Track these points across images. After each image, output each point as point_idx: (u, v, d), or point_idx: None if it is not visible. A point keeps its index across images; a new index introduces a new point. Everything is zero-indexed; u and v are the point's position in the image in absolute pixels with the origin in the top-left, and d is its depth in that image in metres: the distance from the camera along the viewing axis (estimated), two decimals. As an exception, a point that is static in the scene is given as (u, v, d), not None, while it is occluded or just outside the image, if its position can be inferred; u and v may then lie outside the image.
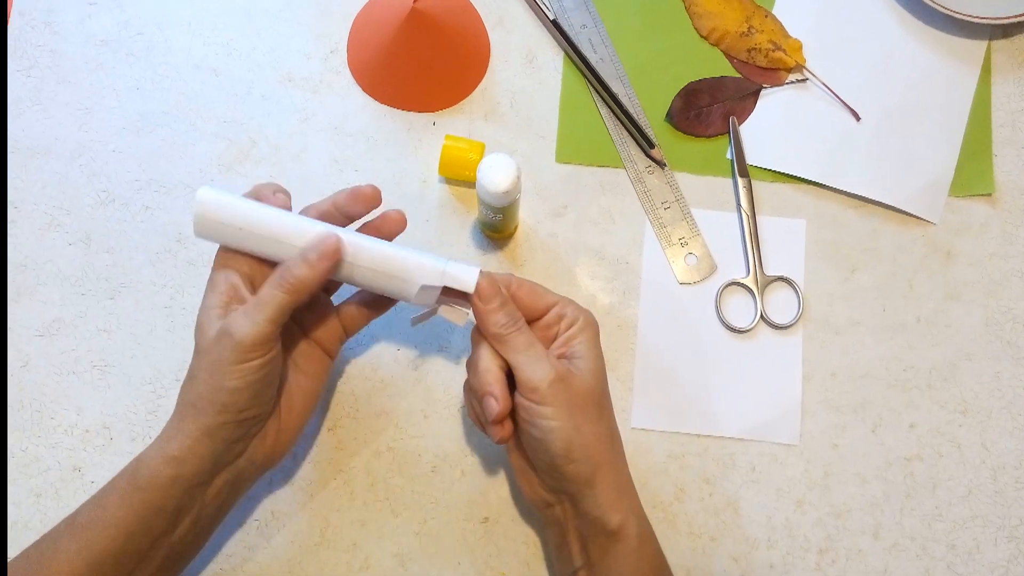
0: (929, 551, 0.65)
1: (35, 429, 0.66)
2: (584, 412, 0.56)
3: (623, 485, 0.57)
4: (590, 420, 0.56)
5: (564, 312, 0.59)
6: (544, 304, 0.59)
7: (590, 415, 0.56)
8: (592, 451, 0.55)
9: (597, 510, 0.55)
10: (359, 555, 0.65)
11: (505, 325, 0.57)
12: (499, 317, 0.57)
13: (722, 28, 0.75)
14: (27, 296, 0.69)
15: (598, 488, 0.55)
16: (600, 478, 0.55)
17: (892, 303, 0.70)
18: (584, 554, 0.57)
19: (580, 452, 0.55)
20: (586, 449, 0.55)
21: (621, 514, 0.55)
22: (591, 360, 0.57)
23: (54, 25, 0.75)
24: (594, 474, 0.55)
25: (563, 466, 0.55)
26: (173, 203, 0.71)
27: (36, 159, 0.72)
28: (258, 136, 0.73)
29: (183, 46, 0.75)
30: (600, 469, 0.55)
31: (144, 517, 0.54)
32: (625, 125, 0.73)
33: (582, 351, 0.57)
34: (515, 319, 0.57)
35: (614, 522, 0.55)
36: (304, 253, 0.56)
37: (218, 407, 0.55)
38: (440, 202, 0.71)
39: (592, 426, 0.56)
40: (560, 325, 0.59)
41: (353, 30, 0.75)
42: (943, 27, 0.75)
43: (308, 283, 0.55)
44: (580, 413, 0.55)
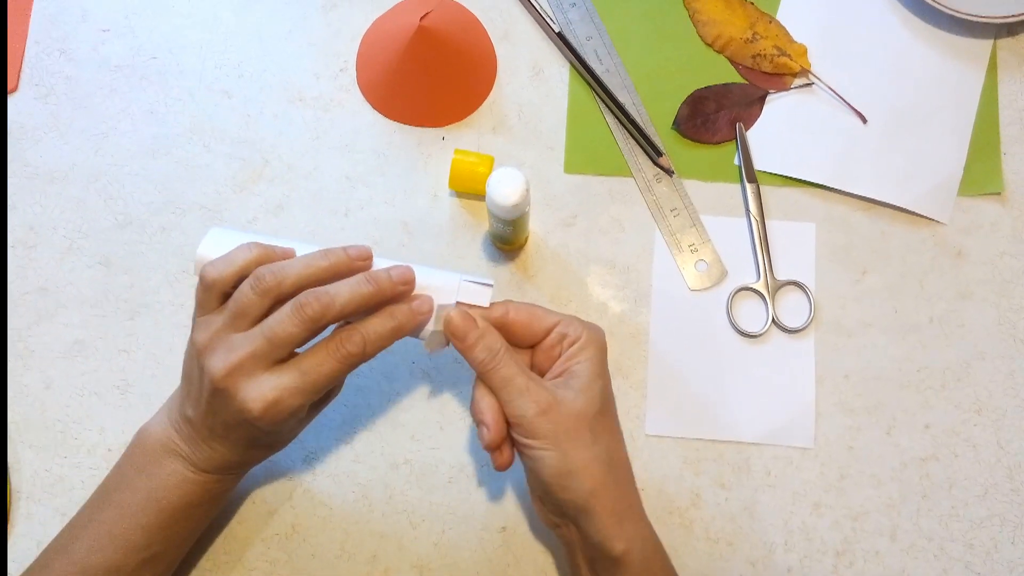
0: (947, 551, 0.65)
1: (59, 449, 0.68)
2: (574, 439, 0.54)
3: (624, 508, 0.56)
4: (582, 446, 0.54)
5: (566, 332, 0.58)
6: (544, 326, 0.58)
7: (582, 441, 0.54)
8: (585, 478, 0.54)
9: (597, 536, 0.54)
10: (379, 567, 0.65)
11: (484, 361, 0.56)
12: (476, 353, 0.56)
13: (727, 35, 0.76)
14: (48, 319, 0.70)
15: (595, 514, 0.54)
16: (596, 504, 0.54)
17: (904, 304, 0.70)
18: (593, 575, 0.56)
19: (570, 480, 0.54)
20: (577, 476, 0.54)
21: (624, 541, 0.54)
22: (587, 381, 0.56)
23: (69, 52, 0.76)
24: (588, 500, 0.54)
25: (557, 494, 0.54)
26: (189, 224, 0.72)
27: (55, 184, 0.73)
28: (271, 155, 0.74)
29: (195, 69, 0.76)
30: (594, 496, 0.54)
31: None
32: (632, 134, 0.73)
33: (580, 371, 0.56)
34: (493, 353, 0.56)
35: (617, 548, 0.54)
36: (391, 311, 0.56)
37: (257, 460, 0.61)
38: (451, 216, 0.72)
39: (583, 452, 0.54)
40: (562, 345, 0.58)
41: (361, 48, 0.76)
42: (948, 27, 0.75)
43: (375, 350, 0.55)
44: (569, 440, 0.54)
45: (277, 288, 0.54)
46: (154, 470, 0.57)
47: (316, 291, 0.54)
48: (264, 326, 0.53)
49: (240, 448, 0.57)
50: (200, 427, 0.56)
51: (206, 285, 0.55)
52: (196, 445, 0.57)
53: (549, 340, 0.58)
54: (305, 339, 0.54)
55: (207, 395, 0.54)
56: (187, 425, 0.57)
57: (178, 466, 0.57)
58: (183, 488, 0.57)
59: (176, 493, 0.57)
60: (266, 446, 0.59)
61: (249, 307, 0.54)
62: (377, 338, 0.55)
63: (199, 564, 0.65)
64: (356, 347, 0.54)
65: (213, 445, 0.56)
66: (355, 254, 0.56)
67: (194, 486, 0.57)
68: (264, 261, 0.56)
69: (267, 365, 0.53)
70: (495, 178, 0.61)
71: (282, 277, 0.54)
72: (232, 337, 0.54)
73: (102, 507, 0.58)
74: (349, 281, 0.55)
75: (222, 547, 0.65)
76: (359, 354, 0.54)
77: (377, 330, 0.55)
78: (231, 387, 0.53)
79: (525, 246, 0.72)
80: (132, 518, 0.57)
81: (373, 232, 0.72)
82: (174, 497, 0.57)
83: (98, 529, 0.57)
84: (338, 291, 0.54)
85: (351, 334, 0.54)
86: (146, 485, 0.57)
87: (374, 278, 0.55)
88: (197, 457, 0.57)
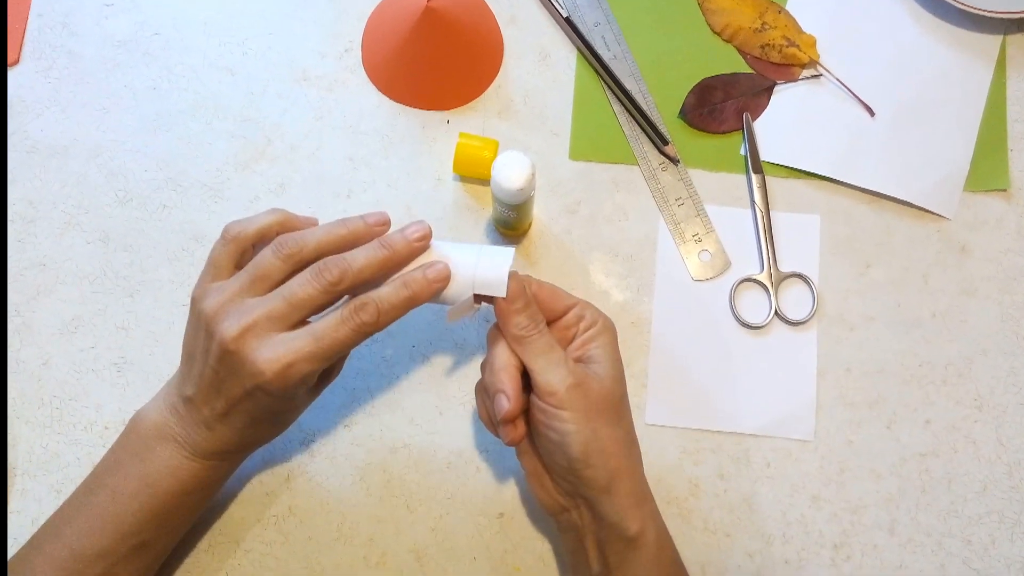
0: (945, 547, 0.65)
1: (55, 426, 0.67)
2: (602, 417, 0.55)
3: (641, 491, 0.57)
4: (608, 425, 0.55)
5: (583, 314, 0.58)
6: (563, 306, 0.59)
7: (608, 420, 0.55)
8: (610, 456, 0.55)
9: (615, 516, 0.55)
10: (375, 550, 0.65)
11: (526, 327, 0.56)
12: (521, 319, 0.56)
13: (735, 24, 0.75)
14: (47, 295, 0.70)
15: (615, 494, 0.55)
16: (618, 484, 0.55)
17: (907, 299, 0.70)
18: (601, 560, 0.56)
19: (598, 457, 0.54)
20: (604, 454, 0.54)
21: (639, 521, 0.55)
22: (609, 365, 0.57)
23: (71, 26, 0.75)
24: (611, 480, 0.54)
25: (581, 471, 0.54)
26: (190, 202, 0.72)
27: (55, 159, 0.72)
28: (274, 135, 0.73)
29: (199, 46, 0.75)
30: (618, 475, 0.55)
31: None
32: (639, 122, 0.73)
33: (600, 355, 0.57)
34: (536, 321, 0.56)
35: (633, 528, 0.54)
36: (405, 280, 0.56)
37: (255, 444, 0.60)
38: (455, 200, 0.72)
39: (610, 431, 0.55)
40: (579, 327, 0.58)
41: (367, 29, 0.75)
42: (957, 22, 0.75)
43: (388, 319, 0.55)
44: (598, 418, 0.55)
45: (299, 254, 0.55)
46: (148, 455, 0.56)
47: (334, 257, 0.54)
48: (283, 288, 0.54)
49: (239, 428, 0.56)
50: (201, 406, 0.55)
51: (227, 239, 0.56)
52: (193, 428, 0.56)
53: (567, 319, 0.59)
54: (322, 304, 0.54)
55: (213, 362, 0.53)
56: (186, 406, 0.56)
57: (173, 451, 0.56)
58: (177, 475, 0.56)
59: (169, 480, 0.56)
60: (266, 424, 0.58)
61: (269, 271, 0.54)
62: (391, 307, 0.55)
63: (196, 545, 0.65)
64: (370, 316, 0.54)
65: (212, 425, 0.56)
66: (373, 221, 0.57)
67: (188, 473, 0.57)
68: (287, 227, 0.57)
69: (281, 327, 0.53)
70: (500, 162, 0.61)
71: (303, 243, 0.55)
72: (246, 301, 0.54)
73: (95, 491, 0.57)
74: (365, 247, 0.56)
75: (219, 528, 0.65)
76: (372, 323, 0.54)
77: (391, 300, 0.55)
78: (243, 348, 0.52)
79: (529, 232, 0.71)
80: (124, 503, 0.56)
81: (376, 214, 0.71)
82: (167, 484, 0.56)
83: (89, 513, 0.56)
84: (354, 256, 0.55)
85: (365, 303, 0.54)
86: (139, 471, 0.56)
87: (388, 242, 0.56)
88: (193, 440, 0.56)
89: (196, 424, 0.56)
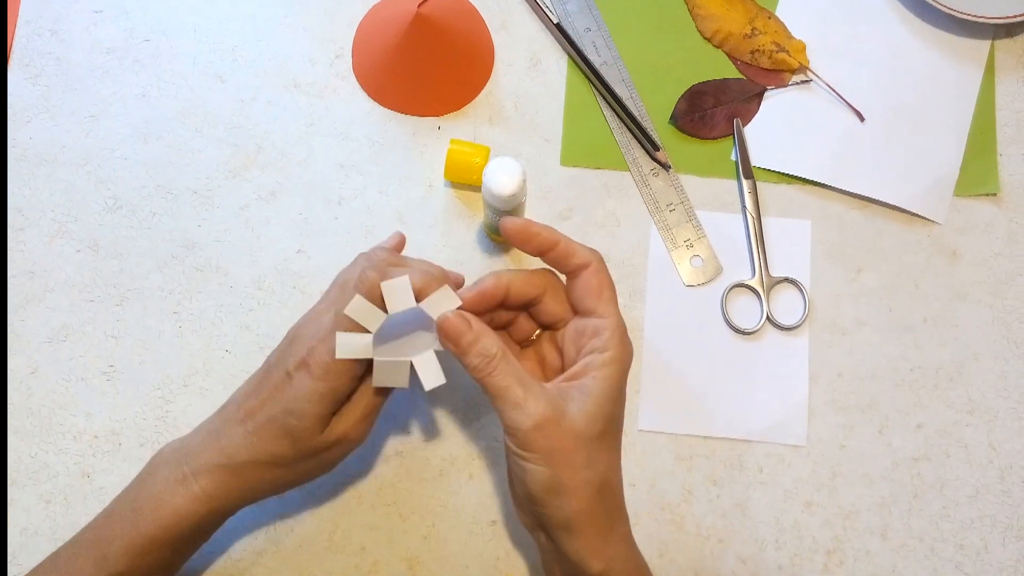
0: (937, 551, 0.65)
1: (44, 435, 0.67)
2: (568, 460, 0.51)
3: (607, 532, 0.53)
4: (574, 468, 0.51)
5: (601, 331, 0.54)
6: (575, 264, 0.56)
7: (575, 463, 0.51)
8: (572, 499, 0.51)
9: (575, 555, 0.52)
10: (367, 559, 0.65)
11: (477, 367, 0.52)
12: (470, 359, 0.53)
13: (725, 30, 0.75)
14: (35, 303, 0.69)
15: (576, 534, 0.52)
16: (578, 525, 0.52)
17: (898, 303, 0.70)
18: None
19: (557, 498, 0.51)
20: (565, 496, 0.51)
21: (604, 561, 0.52)
22: (596, 403, 0.52)
23: (60, 33, 0.75)
24: (571, 520, 0.52)
25: (539, 507, 0.52)
26: (180, 209, 0.71)
27: (44, 167, 0.72)
28: (264, 142, 0.73)
29: (189, 53, 0.75)
30: (579, 516, 0.52)
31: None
32: (629, 128, 0.73)
33: (592, 388, 0.52)
34: (488, 358, 0.52)
35: (595, 568, 0.52)
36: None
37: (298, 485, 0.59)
38: (445, 206, 0.72)
39: (575, 474, 0.51)
40: (591, 342, 0.54)
41: (358, 35, 0.75)
42: (946, 27, 0.75)
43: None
44: (562, 461, 0.51)
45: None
46: (147, 477, 0.56)
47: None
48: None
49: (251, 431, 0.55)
50: (238, 406, 0.56)
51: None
52: (203, 435, 0.56)
53: (584, 324, 0.55)
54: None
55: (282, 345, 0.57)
56: (219, 416, 0.57)
57: (169, 472, 0.55)
58: (163, 500, 0.55)
59: (153, 505, 0.55)
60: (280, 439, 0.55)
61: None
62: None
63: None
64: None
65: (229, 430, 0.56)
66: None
67: (176, 501, 0.54)
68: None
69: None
70: (492, 167, 0.61)
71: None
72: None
73: (105, 510, 0.57)
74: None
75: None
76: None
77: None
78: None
79: (520, 238, 0.71)
80: (109, 527, 0.56)
81: (366, 221, 0.71)
82: (151, 512, 0.54)
83: (81, 535, 0.56)
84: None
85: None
86: (134, 493, 0.56)
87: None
88: (195, 452, 0.56)
89: (209, 434, 0.56)
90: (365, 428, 0.58)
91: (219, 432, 0.56)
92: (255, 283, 0.70)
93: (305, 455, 0.56)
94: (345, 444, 0.57)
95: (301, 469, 0.57)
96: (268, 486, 0.57)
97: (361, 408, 0.57)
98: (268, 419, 0.55)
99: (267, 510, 0.65)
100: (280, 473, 0.56)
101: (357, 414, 0.57)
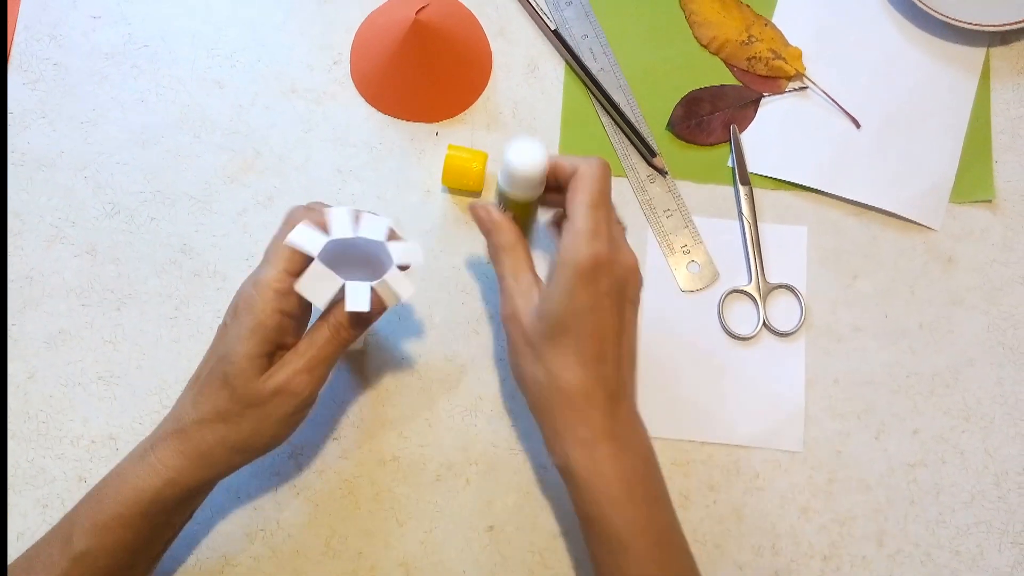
0: (933, 557, 0.65)
1: (41, 440, 0.67)
2: (521, 352, 0.57)
3: (563, 429, 0.55)
4: (526, 361, 0.57)
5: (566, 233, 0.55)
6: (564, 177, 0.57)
7: (526, 356, 0.57)
8: (525, 391, 0.58)
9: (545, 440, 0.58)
10: (364, 564, 0.65)
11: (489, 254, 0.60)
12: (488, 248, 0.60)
13: (722, 37, 0.76)
14: (33, 308, 0.69)
15: (538, 421, 0.58)
16: (536, 413, 0.58)
17: (894, 309, 0.70)
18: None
19: (520, 385, 0.58)
20: (521, 385, 0.58)
21: (559, 458, 0.56)
22: (543, 303, 0.55)
23: (59, 38, 0.75)
24: (530, 407, 0.58)
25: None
26: (178, 214, 0.71)
27: (42, 171, 0.72)
28: (262, 147, 0.73)
29: (187, 58, 0.75)
30: (533, 407, 0.58)
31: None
32: (627, 134, 0.73)
33: (545, 289, 0.56)
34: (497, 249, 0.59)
35: (553, 460, 0.57)
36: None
37: (252, 453, 0.58)
38: (443, 212, 0.72)
39: (526, 368, 0.57)
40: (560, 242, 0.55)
41: (356, 41, 0.75)
42: (942, 34, 0.76)
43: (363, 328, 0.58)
44: (517, 351, 0.57)
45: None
46: (122, 462, 0.57)
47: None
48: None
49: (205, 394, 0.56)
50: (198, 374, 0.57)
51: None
52: (180, 404, 0.57)
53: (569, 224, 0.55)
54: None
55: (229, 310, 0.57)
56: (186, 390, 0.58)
57: (135, 451, 0.57)
58: (124, 477, 0.55)
59: (116, 482, 0.56)
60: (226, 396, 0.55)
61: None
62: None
63: (184, 560, 0.64)
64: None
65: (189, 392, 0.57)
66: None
67: (136, 475, 0.55)
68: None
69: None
70: (516, 148, 0.56)
71: None
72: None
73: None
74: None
75: (206, 543, 0.65)
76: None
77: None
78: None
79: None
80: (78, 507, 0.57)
81: (364, 227, 0.71)
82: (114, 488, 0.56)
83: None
84: None
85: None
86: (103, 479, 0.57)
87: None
88: (161, 425, 0.57)
89: (183, 398, 0.58)
90: (308, 380, 0.55)
91: (177, 403, 0.58)
92: (253, 288, 0.70)
93: (245, 404, 0.55)
94: (286, 395, 0.55)
95: (246, 427, 0.55)
96: (217, 449, 0.56)
97: (305, 359, 0.55)
98: (209, 372, 0.56)
99: (263, 514, 0.65)
100: (224, 430, 0.55)
101: (299, 364, 0.55)
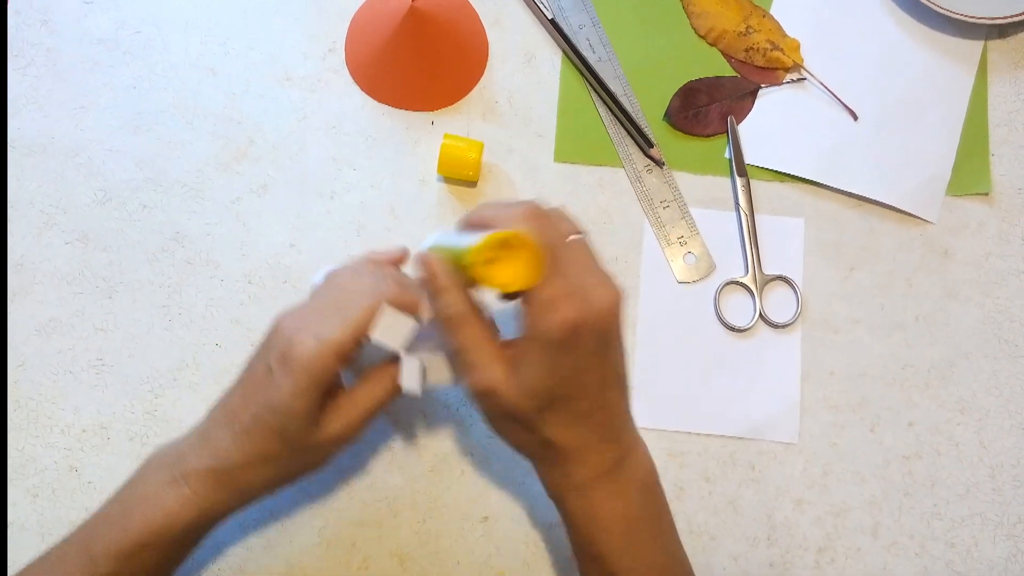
0: (928, 549, 0.65)
1: (32, 429, 0.66)
2: (504, 425, 0.55)
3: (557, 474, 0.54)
4: (512, 431, 0.54)
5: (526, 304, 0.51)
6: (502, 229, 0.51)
7: (511, 428, 0.54)
8: (513, 446, 0.56)
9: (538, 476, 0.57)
10: (358, 555, 0.64)
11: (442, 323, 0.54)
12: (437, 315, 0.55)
13: (720, 27, 0.75)
14: (24, 295, 0.68)
15: (529, 462, 0.56)
16: (528, 459, 0.56)
17: (890, 302, 0.70)
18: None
19: (503, 440, 0.56)
20: (507, 442, 0.56)
21: (553, 495, 0.55)
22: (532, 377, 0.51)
23: (51, 23, 0.74)
24: (522, 455, 0.56)
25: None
26: (170, 202, 0.71)
27: (32, 158, 0.71)
28: (256, 135, 0.72)
29: (180, 45, 0.74)
30: (526, 456, 0.56)
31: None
32: (623, 124, 0.73)
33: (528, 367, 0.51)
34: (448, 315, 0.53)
35: (549, 495, 0.56)
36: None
37: (292, 483, 0.58)
38: (438, 201, 0.71)
39: (512, 435, 0.55)
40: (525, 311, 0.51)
41: (351, 29, 0.75)
42: (940, 27, 0.76)
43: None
44: (499, 424, 0.55)
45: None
46: (138, 480, 0.56)
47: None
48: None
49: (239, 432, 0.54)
50: (224, 405, 0.56)
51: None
52: (195, 439, 0.55)
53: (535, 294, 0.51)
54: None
55: (264, 340, 0.56)
56: (208, 418, 0.56)
57: (160, 473, 0.55)
58: (153, 502, 0.54)
59: (144, 508, 0.54)
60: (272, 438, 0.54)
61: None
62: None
63: (174, 549, 0.64)
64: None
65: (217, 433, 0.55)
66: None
67: (167, 502, 0.54)
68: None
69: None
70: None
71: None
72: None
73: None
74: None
75: (198, 532, 0.64)
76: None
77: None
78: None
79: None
80: (98, 529, 0.55)
81: (359, 216, 0.71)
82: (141, 514, 0.54)
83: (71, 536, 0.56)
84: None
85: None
86: (125, 495, 0.56)
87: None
88: (185, 454, 0.55)
89: (200, 436, 0.56)
90: (363, 427, 0.57)
91: (208, 434, 0.56)
92: (246, 277, 0.69)
93: (297, 451, 0.55)
94: (342, 442, 0.56)
95: (294, 467, 0.57)
96: (260, 486, 0.56)
97: (361, 410, 0.56)
98: (254, 418, 0.54)
99: (257, 506, 0.65)
100: (272, 472, 0.55)
101: (355, 414, 0.56)
